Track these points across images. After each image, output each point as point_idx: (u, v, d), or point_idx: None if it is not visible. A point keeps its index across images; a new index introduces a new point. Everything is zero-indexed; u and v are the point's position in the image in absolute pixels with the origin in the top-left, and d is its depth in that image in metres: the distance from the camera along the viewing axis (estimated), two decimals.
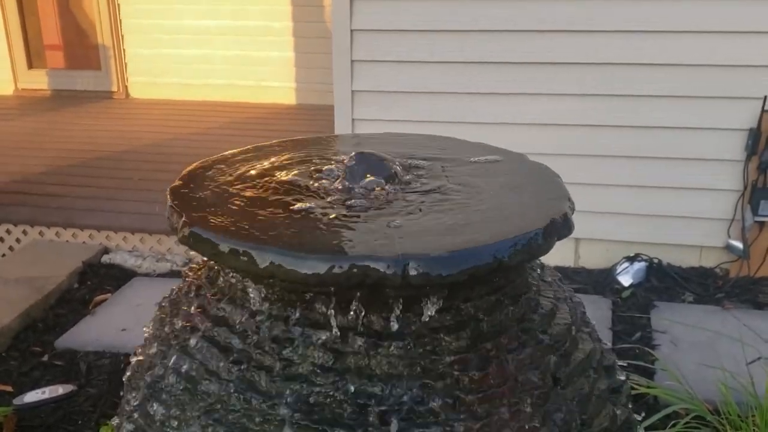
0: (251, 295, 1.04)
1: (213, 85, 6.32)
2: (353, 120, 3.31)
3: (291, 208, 1.06)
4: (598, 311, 2.84)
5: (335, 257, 0.90)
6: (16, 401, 2.43)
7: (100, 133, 5.38)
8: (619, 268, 3.17)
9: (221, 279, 1.11)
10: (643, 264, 3.17)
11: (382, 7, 3.14)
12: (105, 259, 3.53)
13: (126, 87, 6.53)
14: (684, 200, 3.15)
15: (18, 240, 3.78)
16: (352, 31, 3.18)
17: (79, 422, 2.34)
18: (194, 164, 1.25)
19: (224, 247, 0.93)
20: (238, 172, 1.21)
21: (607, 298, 3.01)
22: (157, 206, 3.73)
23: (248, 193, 1.11)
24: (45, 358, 2.72)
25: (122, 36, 6.40)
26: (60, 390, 2.48)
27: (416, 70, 3.20)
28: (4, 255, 3.78)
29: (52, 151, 4.91)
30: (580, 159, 3.16)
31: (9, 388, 2.53)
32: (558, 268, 2.71)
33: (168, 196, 1.09)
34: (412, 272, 0.89)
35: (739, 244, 3.12)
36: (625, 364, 1.45)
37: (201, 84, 6.33)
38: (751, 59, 2.90)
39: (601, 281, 3.18)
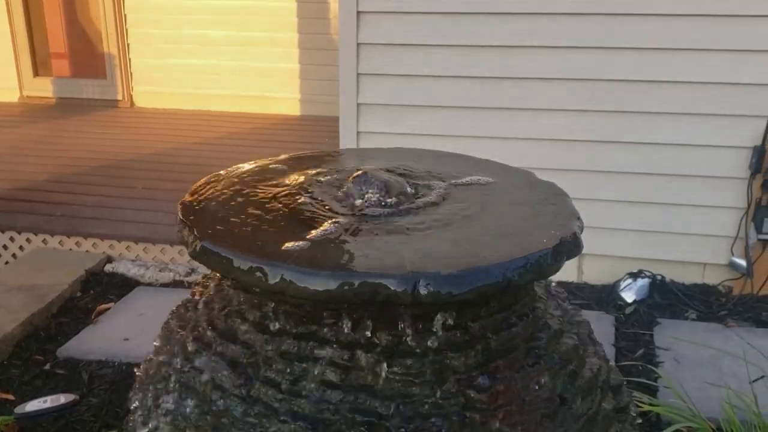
0: (260, 311, 1.04)
1: (218, 95, 6.33)
2: (359, 133, 3.31)
3: (301, 224, 1.06)
4: (601, 327, 2.82)
5: (346, 274, 0.90)
6: (18, 410, 2.42)
7: (104, 141, 5.39)
8: (623, 285, 3.17)
9: (230, 293, 1.12)
10: (646, 280, 3.16)
11: (389, 21, 3.16)
12: (108, 268, 3.53)
13: (131, 96, 6.55)
14: (688, 217, 3.15)
15: (21, 248, 3.78)
16: (358, 44, 3.19)
17: None
18: (204, 178, 1.25)
19: (235, 263, 0.94)
20: (248, 187, 1.22)
21: (610, 315, 3.00)
22: (161, 216, 3.73)
23: (258, 209, 1.11)
24: (47, 366, 2.71)
25: (128, 45, 6.42)
26: (62, 399, 2.47)
27: (423, 84, 3.21)
28: (7, 263, 3.77)
29: (57, 159, 4.91)
30: (585, 174, 3.16)
31: (10, 397, 2.52)
32: (561, 284, 2.70)
33: (178, 211, 1.10)
34: (422, 290, 0.89)
35: (742, 262, 3.11)
36: (627, 381, 1.45)
37: (206, 94, 6.35)
38: (756, 77, 2.91)
39: (605, 297, 3.17)
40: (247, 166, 1.33)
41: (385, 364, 0.98)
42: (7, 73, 6.62)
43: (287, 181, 1.24)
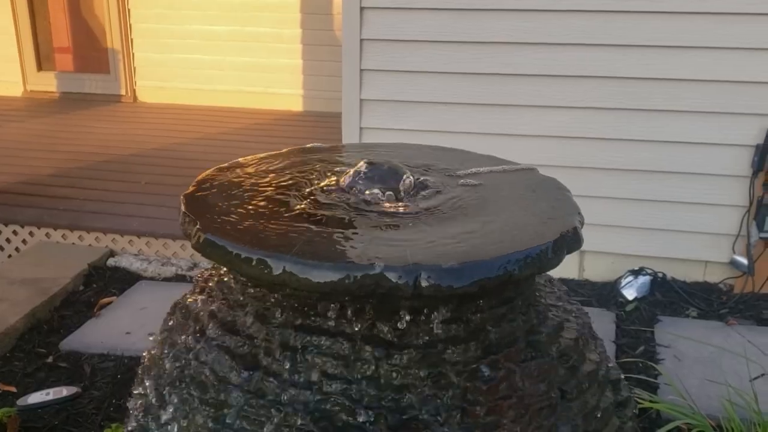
0: (262, 303, 1.05)
1: (221, 90, 6.34)
2: (361, 128, 3.32)
3: (304, 216, 1.07)
4: (601, 324, 2.83)
5: (348, 266, 0.91)
6: (20, 402, 2.43)
7: (107, 136, 5.40)
8: (624, 282, 3.17)
9: (232, 285, 1.12)
10: (647, 278, 3.16)
11: (392, 17, 3.16)
12: (111, 262, 3.54)
13: (134, 91, 6.56)
14: (689, 215, 3.15)
15: (24, 241, 3.79)
16: (361, 40, 3.20)
17: (83, 424, 2.34)
18: (207, 171, 1.26)
19: (238, 255, 0.94)
20: (251, 179, 1.22)
21: (610, 312, 3.01)
22: (164, 210, 3.74)
23: (261, 201, 1.12)
24: (49, 359, 2.72)
25: (132, 40, 6.44)
26: (64, 392, 2.48)
27: (425, 80, 3.21)
28: (10, 256, 3.79)
29: (60, 153, 4.92)
30: (587, 171, 3.16)
31: (13, 389, 2.53)
32: (562, 281, 2.70)
33: (181, 203, 1.10)
34: (424, 283, 0.90)
35: (743, 260, 3.12)
36: (628, 378, 1.46)
37: (209, 89, 6.36)
38: (758, 75, 2.91)
39: (605, 294, 3.17)
40: (249, 160, 1.34)
41: (386, 356, 0.99)
42: (10, 68, 6.64)
43: (290, 175, 1.25)
